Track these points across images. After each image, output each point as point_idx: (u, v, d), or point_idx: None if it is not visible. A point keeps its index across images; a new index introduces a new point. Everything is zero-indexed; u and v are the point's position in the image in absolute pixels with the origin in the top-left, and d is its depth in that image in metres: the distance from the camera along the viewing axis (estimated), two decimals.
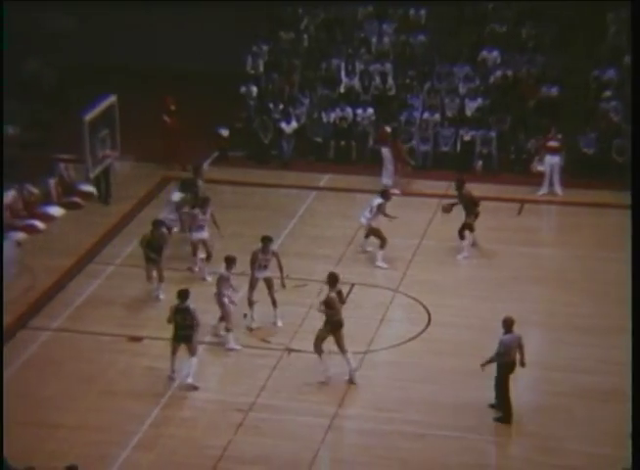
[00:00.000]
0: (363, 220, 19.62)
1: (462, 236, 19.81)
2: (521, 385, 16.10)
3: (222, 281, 16.73)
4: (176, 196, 20.19)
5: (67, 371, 16.36)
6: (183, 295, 15.81)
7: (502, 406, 15.03)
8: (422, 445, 14.70)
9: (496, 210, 22.16)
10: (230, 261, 16.80)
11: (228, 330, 16.84)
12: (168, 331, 17.03)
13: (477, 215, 19.83)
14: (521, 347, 14.99)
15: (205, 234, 18.95)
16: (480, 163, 23.73)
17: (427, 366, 16.33)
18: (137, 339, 17.10)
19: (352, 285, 18.68)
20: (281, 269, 17.36)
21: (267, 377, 16.18)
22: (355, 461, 14.48)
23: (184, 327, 15.76)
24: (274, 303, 17.51)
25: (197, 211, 18.92)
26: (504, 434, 15.06)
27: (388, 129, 23.31)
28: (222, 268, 16.82)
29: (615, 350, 16.18)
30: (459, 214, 19.85)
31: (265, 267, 17.41)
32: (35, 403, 15.56)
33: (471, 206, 19.72)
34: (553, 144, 22.55)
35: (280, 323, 17.56)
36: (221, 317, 16.96)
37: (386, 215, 19.46)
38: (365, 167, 23.72)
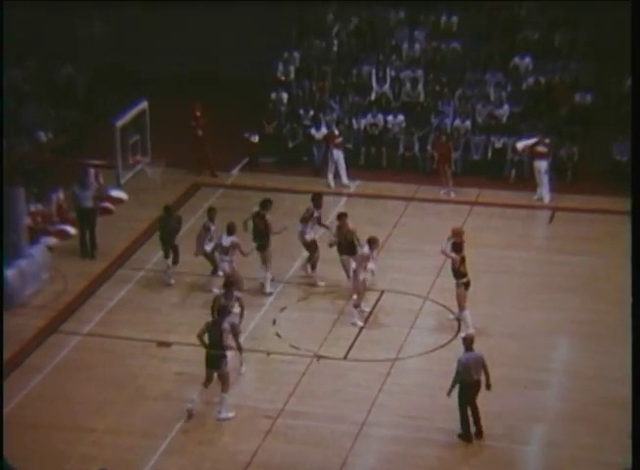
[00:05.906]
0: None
1: (460, 306, 17.44)
2: (551, 394, 16.02)
3: (363, 259, 17.63)
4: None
5: (97, 376, 16.44)
6: None
7: (461, 425, 14.68)
8: (451, 453, 14.62)
9: (528, 217, 22.08)
10: (373, 242, 17.67)
11: (355, 306, 17.68)
12: None
13: (463, 286, 17.24)
14: (484, 367, 14.63)
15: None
16: (514, 171, 23.64)
17: None
18: (166, 344, 17.15)
19: (382, 292, 18.64)
20: None
21: (296, 383, 16.17)
22: (384, 469, 14.43)
23: None
24: None
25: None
26: (534, 443, 14.97)
27: (337, 132, 23.51)
28: (366, 249, 17.59)
29: None
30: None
31: None
32: (66, 407, 15.64)
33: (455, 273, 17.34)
34: (541, 149, 22.48)
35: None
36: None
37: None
38: (395, 174, 23.68)
